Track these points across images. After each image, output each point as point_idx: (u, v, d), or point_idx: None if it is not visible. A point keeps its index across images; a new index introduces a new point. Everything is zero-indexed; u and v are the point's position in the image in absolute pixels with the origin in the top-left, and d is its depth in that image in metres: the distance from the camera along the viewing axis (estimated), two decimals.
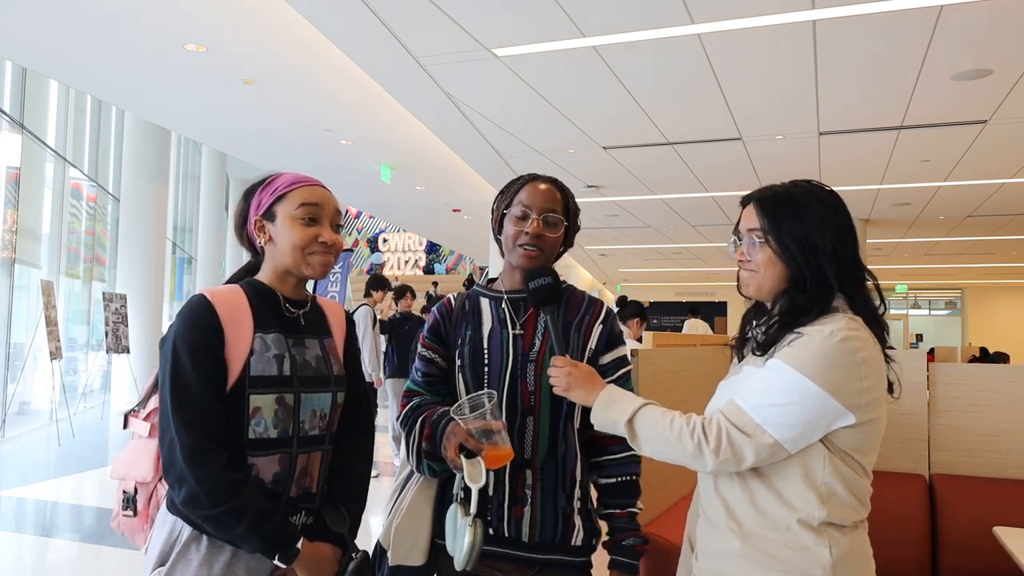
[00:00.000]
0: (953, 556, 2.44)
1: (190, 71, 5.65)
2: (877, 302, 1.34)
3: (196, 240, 14.67)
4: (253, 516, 1.27)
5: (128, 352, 8.89)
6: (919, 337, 22.24)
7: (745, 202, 1.41)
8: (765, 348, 1.32)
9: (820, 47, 4.49)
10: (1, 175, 7.86)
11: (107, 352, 8.61)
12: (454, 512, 1.46)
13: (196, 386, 1.28)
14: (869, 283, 1.35)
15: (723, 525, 1.32)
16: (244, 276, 1.48)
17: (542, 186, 1.56)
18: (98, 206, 11.22)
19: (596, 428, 1.39)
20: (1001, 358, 9.47)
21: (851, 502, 1.26)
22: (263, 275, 1.45)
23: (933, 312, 24.08)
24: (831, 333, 1.23)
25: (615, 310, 4.18)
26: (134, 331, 9.20)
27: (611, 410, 1.35)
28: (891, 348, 1.35)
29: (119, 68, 5.66)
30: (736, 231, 1.42)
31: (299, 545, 1.32)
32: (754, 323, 1.41)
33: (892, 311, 23.59)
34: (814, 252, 1.30)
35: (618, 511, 1.54)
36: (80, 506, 5.11)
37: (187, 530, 1.31)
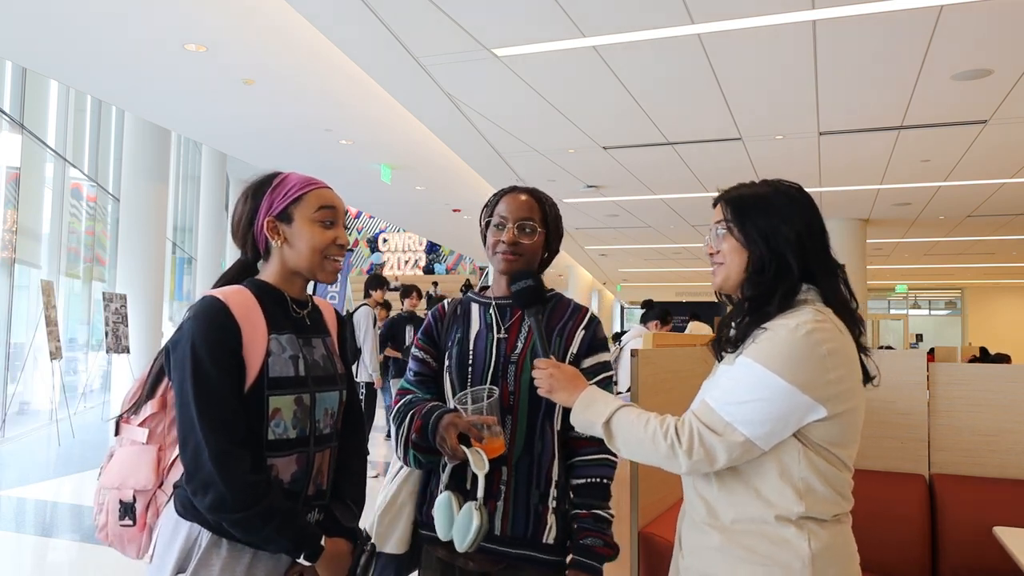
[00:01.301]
0: (953, 556, 2.44)
1: (190, 71, 5.65)
2: (848, 296, 1.34)
3: (196, 240, 14.68)
4: (280, 518, 1.28)
5: (128, 352, 8.89)
6: (919, 337, 22.24)
7: (715, 202, 1.43)
8: (736, 344, 1.33)
9: (820, 47, 4.49)
10: (1, 175, 7.86)
11: (107, 352, 8.61)
12: (447, 500, 1.52)
13: (220, 388, 1.27)
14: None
15: (703, 522, 1.34)
16: (239, 275, 1.46)
17: (522, 197, 1.66)
18: (98, 206, 11.23)
19: (576, 429, 1.42)
20: (1002, 359, 9.47)
21: (830, 496, 1.26)
22: (268, 275, 1.44)
23: (933, 312, 24.10)
24: (796, 327, 1.23)
25: (642, 311, 4.23)
26: (134, 331, 9.20)
27: (590, 411, 1.37)
28: (890, 348, 1.36)
29: (119, 68, 5.66)
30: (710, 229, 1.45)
31: (322, 543, 1.34)
32: (732, 323, 1.42)
33: (892, 311, 23.62)
34: (777, 239, 1.31)
35: (582, 511, 1.57)
36: (80, 506, 5.11)
37: (206, 535, 1.30)
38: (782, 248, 1.30)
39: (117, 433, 1.49)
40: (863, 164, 7.34)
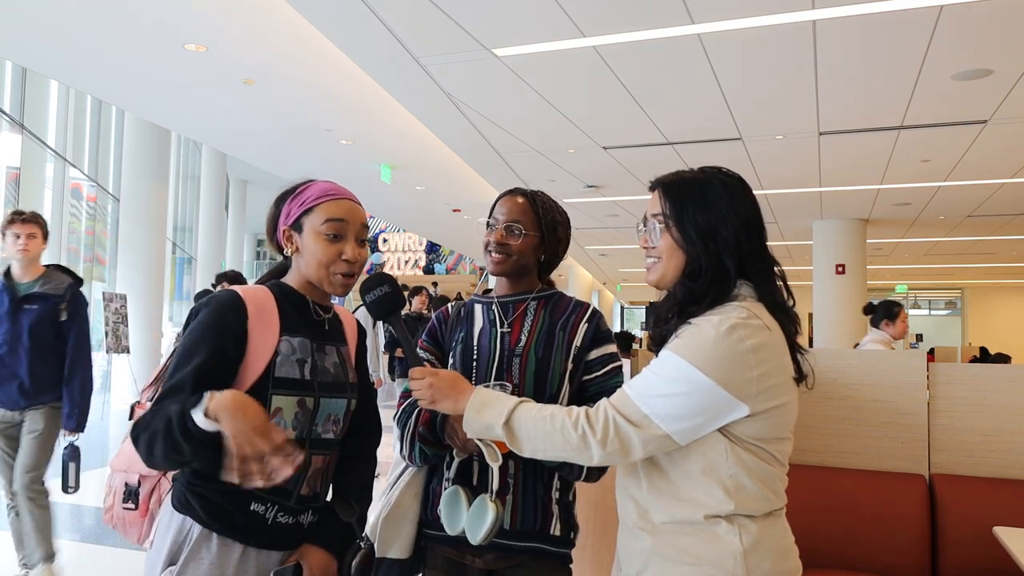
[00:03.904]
0: (953, 556, 2.44)
1: (190, 71, 5.65)
2: (785, 295, 1.32)
3: (196, 240, 14.68)
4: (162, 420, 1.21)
5: (128, 352, 8.89)
6: (919, 337, 22.20)
7: (653, 187, 1.39)
8: (662, 343, 1.30)
9: (820, 47, 4.49)
10: (1, 175, 7.86)
11: (107, 352, 8.61)
12: (456, 494, 1.53)
13: (203, 360, 1.29)
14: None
15: (635, 525, 1.31)
16: (274, 277, 1.50)
17: (517, 199, 1.68)
18: (98, 206, 11.24)
19: (470, 436, 1.35)
20: (1003, 359, 9.47)
21: (761, 494, 1.23)
22: (291, 280, 1.47)
23: (933, 312, 24.09)
24: (719, 322, 1.20)
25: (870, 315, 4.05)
26: (134, 331, 9.20)
27: (484, 414, 1.30)
28: (895, 347, 1.34)
29: (119, 68, 5.66)
30: (644, 217, 1.40)
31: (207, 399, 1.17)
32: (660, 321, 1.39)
33: None
34: (715, 241, 1.27)
35: None
36: (80, 506, 5.11)
37: (197, 528, 1.32)
38: (719, 250, 1.27)
39: (131, 417, 1.52)
40: (863, 164, 7.34)
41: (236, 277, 4.29)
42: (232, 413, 1.14)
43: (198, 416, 1.15)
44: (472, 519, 1.48)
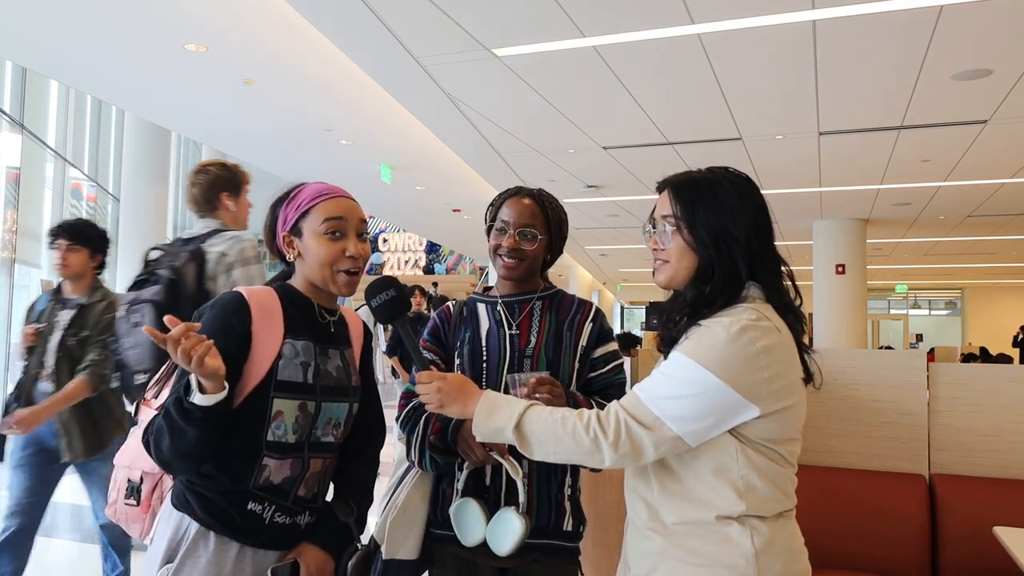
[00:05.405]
0: (953, 556, 2.44)
1: (190, 71, 5.64)
2: (793, 294, 1.32)
3: None
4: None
5: None
6: (919, 337, 22.22)
7: (661, 188, 1.38)
8: (671, 344, 1.30)
9: (820, 47, 4.49)
10: (1, 175, 7.86)
11: None
12: (472, 507, 1.52)
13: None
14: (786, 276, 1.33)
15: (644, 526, 1.30)
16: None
17: (524, 201, 1.66)
18: (98, 206, 11.23)
19: (479, 439, 1.34)
20: (1004, 360, 9.47)
21: (772, 494, 1.23)
22: (296, 283, 1.46)
23: (933, 312, 24.09)
24: (730, 324, 1.20)
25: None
26: None
27: (494, 417, 1.29)
28: (890, 348, 1.34)
29: (119, 68, 5.66)
30: (651, 218, 1.39)
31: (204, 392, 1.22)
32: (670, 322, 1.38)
33: (892, 311, 23.62)
34: (727, 243, 1.27)
35: None
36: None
37: (194, 527, 1.32)
38: (731, 252, 1.27)
39: (136, 414, 1.53)
40: (863, 164, 7.34)
41: (79, 227, 3.29)
42: (206, 361, 1.18)
43: (195, 396, 1.19)
44: (497, 532, 1.47)
